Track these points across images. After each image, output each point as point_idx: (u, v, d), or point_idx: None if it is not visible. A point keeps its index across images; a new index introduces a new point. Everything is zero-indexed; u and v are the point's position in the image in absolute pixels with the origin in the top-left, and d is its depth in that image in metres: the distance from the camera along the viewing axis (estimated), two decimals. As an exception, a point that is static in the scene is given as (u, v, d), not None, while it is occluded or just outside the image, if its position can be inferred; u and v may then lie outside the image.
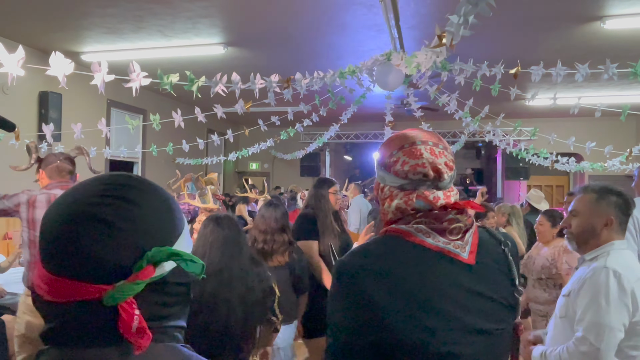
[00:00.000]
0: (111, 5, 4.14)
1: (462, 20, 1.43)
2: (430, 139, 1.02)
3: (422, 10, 4.23)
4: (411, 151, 0.99)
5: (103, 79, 1.88)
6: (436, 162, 0.98)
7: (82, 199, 0.57)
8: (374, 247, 0.98)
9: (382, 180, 1.05)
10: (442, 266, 0.93)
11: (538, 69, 2.80)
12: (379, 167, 1.06)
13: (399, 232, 0.97)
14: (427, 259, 0.93)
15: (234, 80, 2.40)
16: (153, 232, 0.58)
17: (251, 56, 5.59)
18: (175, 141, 4.97)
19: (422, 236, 0.95)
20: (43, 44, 5.24)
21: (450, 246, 0.94)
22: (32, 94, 5.40)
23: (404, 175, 0.99)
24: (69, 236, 0.55)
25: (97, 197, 0.57)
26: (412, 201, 0.97)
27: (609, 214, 1.62)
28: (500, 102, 6.52)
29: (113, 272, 0.54)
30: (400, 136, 1.04)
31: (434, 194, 0.98)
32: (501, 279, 0.99)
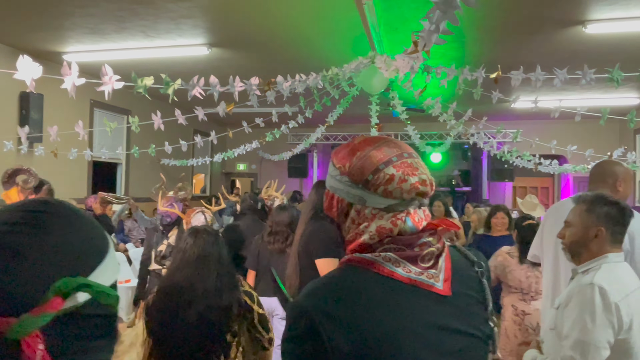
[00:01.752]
0: (93, 5, 4.08)
1: (433, 27, 1.43)
2: (410, 149, 0.90)
3: (406, 14, 4.24)
4: (404, 165, 0.85)
5: (74, 83, 1.84)
6: (431, 178, 0.87)
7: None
8: (335, 283, 0.84)
9: (360, 201, 0.87)
10: (414, 302, 0.81)
11: (518, 74, 2.82)
12: (350, 185, 0.87)
13: (364, 262, 0.84)
14: (397, 294, 0.81)
15: (212, 83, 2.37)
16: (65, 261, 0.55)
17: (236, 57, 5.56)
18: (160, 142, 4.91)
19: (392, 266, 0.82)
20: (24, 44, 5.15)
21: (424, 276, 0.82)
22: (12, 94, 5.31)
23: (398, 195, 0.84)
24: None
25: (8, 225, 0.54)
26: (402, 221, 0.84)
27: (599, 225, 1.59)
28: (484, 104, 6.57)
29: (18, 303, 0.50)
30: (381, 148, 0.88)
31: (418, 214, 0.86)
32: (476, 308, 0.89)
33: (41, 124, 5.37)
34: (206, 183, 11.11)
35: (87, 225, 0.60)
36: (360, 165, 0.87)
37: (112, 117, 6.98)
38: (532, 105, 3.80)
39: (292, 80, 3.14)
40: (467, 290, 0.88)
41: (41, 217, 0.56)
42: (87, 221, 0.61)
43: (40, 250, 0.53)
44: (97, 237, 0.61)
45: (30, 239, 0.54)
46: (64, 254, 0.55)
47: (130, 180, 7.64)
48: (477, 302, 0.89)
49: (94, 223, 0.62)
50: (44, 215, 0.57)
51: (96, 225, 0.62)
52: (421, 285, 0.82)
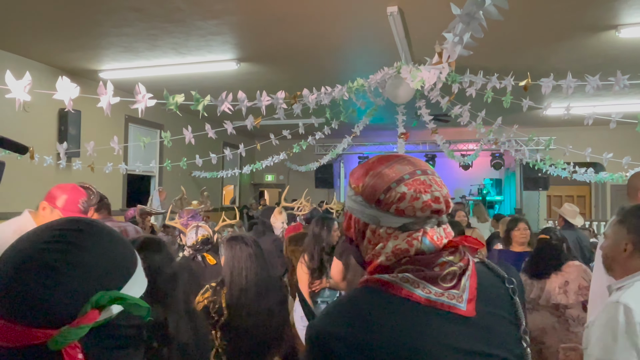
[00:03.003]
0: (127, 25, 4.26)
1: (457, 39, 1.42)
2: (425, 166, 0.88)
3: (433, 23, 4.22)
4: (416, 183, 0.83)
5: (109, 102, 1.93)
6: (446, 195, 0.84)
7: (32, 245, 0.59)
8: (351, 308, 0.82)
9: (374, 220, 0.85)
10: (434, 325, 0.77)
11: (548, 81, 2.76)
12: (365, 205, 0.87)
13: (381, 283, 0.81)
14: (416, 317, 0.78)
15: (240, 98, 2.44)
16: (99, 276, 0.59)
17: (264, 71, 5.66)
18: (192, 155, 5.05)
19: (410, 287, 0.79)
20: (63, 63, 5.42)
21: (444, 297, 0.79)
22: (52, 111, 5.58)
23: (411, 214, 0.82)
24: (16, 281, 0.56)
25: (45, 243, 0.59)
26: (418, 240, 0.82)
27: (627, 239, 1.51)
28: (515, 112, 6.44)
29: (58, 316, 0.55)
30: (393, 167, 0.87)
31: (437, 233, 0.84)
32: (507, 328, 0.84)
33: (79, 140, 5.61)
34: (235, 194, 11.29)
35: (117, 242, 0.65)
36: (372, 184, 0.86)
37: (146, 132, 7.22)
38: (565, 112, 3.70)
39: (318, 93, 3.18)
40: (495, 309, 0.84)
41: (75, 236, 0.61)
42: (116, 239, 0.65)
43: (75, 267, 0.58)
44: (126, 253, 0.65)
45: (66, 256, 0.58)
46: (97, 269, 0.60)
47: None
48: (508, 322, 0.85)
49: (123, 240, 0.67)
50: (78, 234, 0.61)
51: (125, 242, 0.67)
52: (441, 307, 0.79)
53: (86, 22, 4.18)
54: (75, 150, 5.20)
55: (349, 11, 3.93)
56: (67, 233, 0.61)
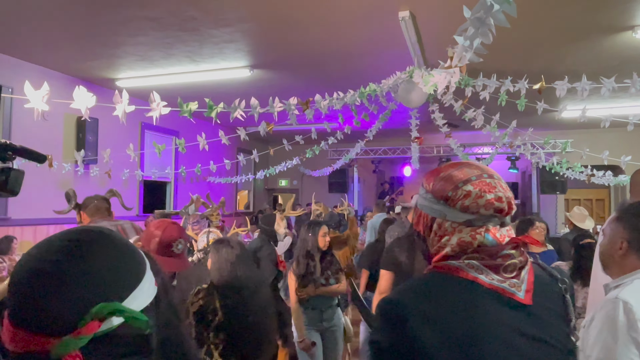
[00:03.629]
0: (142, 34, 4.35)
1: (467, 44, 1.42)
2: (492, 172, 0.97)
3: (446, 26, 4.21)
4: (482, 184, 0.93)
5: (124, 110, 1.98)
6: (509, 197, 0.93)
7: (41, 254, 0.62)
8: (422, 285, 0.93)
9: (441, 215, 0.96)
10: (496, 307, 0.86)
11: (563, 84, 2.73)
12: (433, 201, 0.98)
13: (447, 268, 0.91)
14: (479, 298, 0.87)
15: (253, 105, 2.46)
16: (102, 286, 0.60)
17: (276, 77, 5.71)
18: (206, 161, 5.11)
19: (475, 272, 0.89)
20: (81, 72, 5.55)
21: (506, 284, 0.88)
22: (70, 119, 5.71)
23: (475, 210, 0.91)
24: (23, 288, 0.59)
25: (53, 253, 0.61)
26: (481, 235, 0.91)
27: (623, 236, 1.47)
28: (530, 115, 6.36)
29: (60, 325, 0.57)
30: (462, 170, 0.97)
31: (500, 231, 0.93)
32: (557, 321, 0.92)
33: (96, 146, 5.73)
34: (250, 199, 11.35)
35: (123, 251, 0.66)
36: (442, 183, 0.97)
37: (162, 138, 7.33)
38: (581, 115, 3.64)
39: (330, 99, 3.19)
40: (549, 303, 0.92)
41: (84, 247, 0.63)
42: (124, 247, 0.67)
43: (79, 277, 0.60)
44: (133, 262, 0.66)
45: (71, 266, 0.60)
46: (101, 279, 0.61)
47: (179, 198, 7.95)
48: (559, 316, 0.93)
49: (132, 249, 0.68)
50: (87, 245, 0.63)
51: (133, 251, 0.68)
52: (503, 292, 0.87)
53: (103, 32, 4.27)
54: (93, 158, 5.31)
55: (360, 16, 3.95)
56: (75, 243, 0.63)
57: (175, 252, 1.69)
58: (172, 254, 1.68)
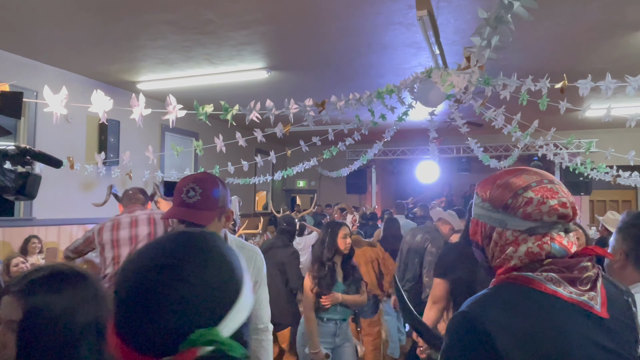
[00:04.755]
0: (162, 38, 4.41)
1: (485, 43, 1.39)
2: (552, 177, 0.95)
3: (463, 26, 4.15)
4: (543, 190, 0.90)
5: (141, 114, 2.00)
6: (573, 202, 0.90)
7: (143, 273, 0.61)
8: (499, 296, 0.89)
9: (501, 224, 0.93)
10: (576, 320, 0.84)
11: (586, 83, 2.65)
12: (492, 210, 0.95)
13: (524, 280, 0.88)
14: (560, 311, 0.84)
15: (268, 107, 2.47)
16: (200, 311, 0.60)
17: (294, 79, 5.72)
18: (225, 162, 5.16)
19: (553, 286, 0.86)
20: (103, 76, 5.67)
21: (585, 298, 0.86)
22: (93, 121, 5.83)
23: (538, 217, 0.89)
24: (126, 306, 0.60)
25: (154, 273, 0.61)
26: (548, 245, 0.89)
27: (622, 248, 1.42)
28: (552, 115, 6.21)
29: (159, 348, 0.58)
30: (520, 176, 0.95)
31: (566, 238, 0.90)
32: (629, 333, 0.90)
33: (118, 148, 5.84)
34: (268, 200, 11.41)
35: (223, 268, 0.65)
36: (500, 191, 0.95)
37: (181, 140, 7.43)
38: (605, 114, 3.53)
39: (346, 99, 3.18)
40: (621, 316, 0.91)
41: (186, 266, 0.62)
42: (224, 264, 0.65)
43: (178, 303, 0.59)
44: (231, 279, 0.65)
45: (170, 291, 0.60)
46: (199, 304, 0.60)
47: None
48: (629, 328, 0.91)
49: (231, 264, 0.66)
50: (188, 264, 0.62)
51: (232, 265, 0.66)
52: (583, 306, 0.85)
53: (123, 35, 4.36)
54: (115, 159, 5.41)
55: (377, 16, 3.92)
56: (176, 263, 0.62)
57: (186, 201, 1.46)
58: (183, 203, 1.47)
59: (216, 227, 1.51)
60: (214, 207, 1.48)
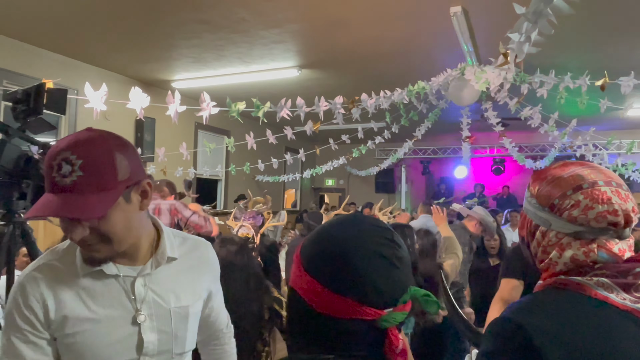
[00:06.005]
0: (196, 37, 4.51)
1: (523, 38, 1.35)
2: (612, 177, 0.87)
3: (499, 22, 4.04)
4: (594, 194, 0.84)
5: (176, 110, 2.05)
6: (628, 209, 0.83)
7: (368, 238, 0.69)
8: (545, 302, 0.85)
9: (545, 224, 0.89)
10: (631, 330, 0.79)
11: (628, 80, 2.54)
12: (539, 208, 0.91)
13: (574, 285, 0.83)
14: (611, 319, 0.79)
15: (299, 105, 2.48)
16: (409, 273, 0.70)
17: (325, 76, 5.73)
18: (255, 160, 5.22)
19: (604, 291, 0.81)
20: (139, 74, 5.84)
21: (639, 305, 0.80)
22: (130, 119, 6.02)
23: (584, 222, 0.84)
24: (355, 264, 0.65)
25: (380, 238, 0.69)
26: (594, 252, 0.83)
27: None
28: (592, 114, 5.97)
29: (386, 300, 0.65)
30: (574, 174, 0.88)
31: (618, 245, 0.84)
32: None
33: (153, 145, 6.01)
34: (296, 198, 11.48)
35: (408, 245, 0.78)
36: (549, 188, 0.89)
37: (213, 138, 7.57)
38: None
39: (377, 97, 3.16)
40: None
41: (398, 237, 0.72)
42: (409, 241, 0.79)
43: (400, 262, 0.68)
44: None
45: (395, 251, 0.69)
46: (409, 267, 0.71)
47: (229, 195, 8.20)
48: None
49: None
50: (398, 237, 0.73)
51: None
52: (637, 314, 0.80)
53: (159, 35, 4.47)
54: (150, 156, 5.57)
55: (410, 13, 3.87)
56: (393, 233, 0.72)
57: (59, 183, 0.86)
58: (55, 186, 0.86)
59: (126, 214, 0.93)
60: (108, 185, 0.88)
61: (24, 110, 1.29)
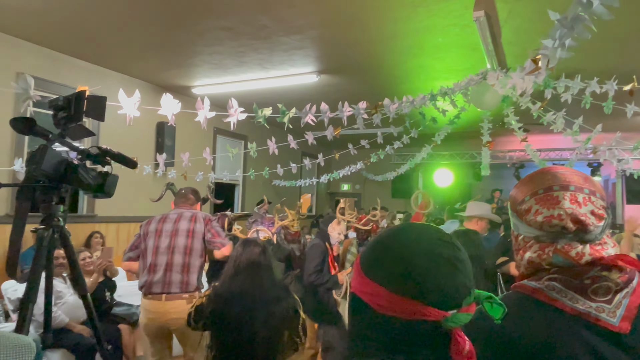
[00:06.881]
0: (218, 44, 4.57)
1: (557, 44, 1.33)
2: (573, 181, 0.87)
3: (523, 25, 4.00)
4: (546, 199, 0.86)
5: (205, 116, 2.08)
6: (577, 213, 0.82)
7: (429, 241, 0.69)
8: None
9: (516, 228, 0.93)
10: (578, 334, 0.78)
11: (660, 84, 2.48)
12: (511, 214, 0.94)
13: (526, 289, 0.86)
14: (559, 324, 0.79)
15: (323, 110, 2.49)
16: (471, 275, 0.69)
17: (343, 82, 5.74)
18: (272, 165, 5.25)
19: (556, 295, 0.81)
20: (160, 80, 5.93)
21: (592, 309, 0.78)
22: (150, 124, 6.12)
23: (538, 227, 0.86)
24: (421, 267, 0.66)
25: (440, 241, 0.69)
26: (549, 256, 0.84)
27: None
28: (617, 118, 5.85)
29: (450, 302, 0.65)
30: (536, 178, 0.91)
31: (577, 248, 0.83)
32: None
33: (173, 150, 6.08)
34: (312, 203, 11.48)
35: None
36: (514, 194, 0.94)
37: (232, 143, 7.65)
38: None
39: (399, 102, 3.15)
40: None
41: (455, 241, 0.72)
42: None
43: (463, 264, 0.68)
44: None
45: (457, 254, 0.69)
46: (470, 268, 0.70)
47: (246, 199, 8.26)
48: None
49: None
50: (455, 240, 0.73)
51: None
52: (587, 318, 0.79)
53: (182, 42, 4.54)
54: (171, 161, 5.64)
55: (432, 18, 3.86)
56: (450, 237, 0.72)
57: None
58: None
59: None
60: None
61: (65, 117, 1.33)
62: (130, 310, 3.81)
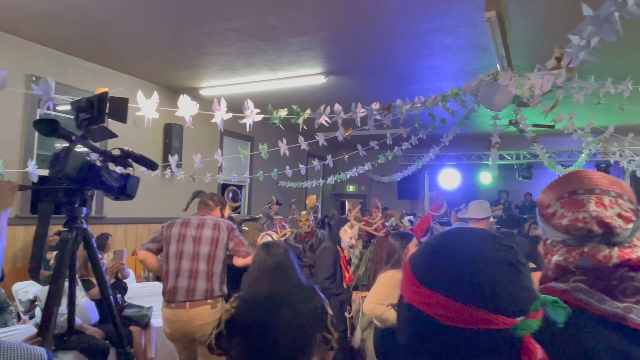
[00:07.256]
0: (226, 45, 4.56)
1: (584, 43, 1.31)
2: (599, 184, 0.87)
3: (534, 27, 3.98)
4: (571, 202, 0.86)
5: (222, 117, 2.07)
6: (602, 215, 0.82)
7: (489, 246, 0.67)
8: None
9: (544, 232, 0.93)
10: (606, 335, 0.77)
11: (678, 84, 2.45)
12: (539, 218, 0.94)
13: (553, 292, 0.84)
14: (587, 324, 0.78)
15: (336, 111, 2.48)
16: (531, 278, 0.66)
17: (350, 83, 5.73)
18: (279, 166, 5.24)
19: (583, 296, 0.80)
20: (168, 82, 5.93)
21: (619, 310, 0.78)
22: (158, 125, 6.12)
23: (564, 230, 0.86)
24: (485, 274, 0.63)
25: (497, 244, 0.67)
26: (575, 259, 0.84)
27: None
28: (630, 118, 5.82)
29: (517, 307, 0.62)
30: (562, 182, 0.91)
31: (605, 251, 0.82)
32: None
33: (181, 151, 6.08)
34: (318, 204, 11.47)
35: None
36: (541, 198, 0.94)
37: (238, 144, 7.64)
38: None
39: (412, 103, 3.13)
40: None
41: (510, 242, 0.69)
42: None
43: (525, 267, 0.66)
44: None
45: (518, 257, 0.66)
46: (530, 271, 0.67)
47: (252, 200, 8.26)
48: None
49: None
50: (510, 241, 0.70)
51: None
52: (613, 319, 0.78)
53: (190, 43, 4.54)
54: (179, 162, 5.64)
55: (442, 18, 3.84)
56: (505, 240, 0.69)
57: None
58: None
59: None
60: None
61: (87, 119, 1.32)
62: (141, 312, 3.80)
